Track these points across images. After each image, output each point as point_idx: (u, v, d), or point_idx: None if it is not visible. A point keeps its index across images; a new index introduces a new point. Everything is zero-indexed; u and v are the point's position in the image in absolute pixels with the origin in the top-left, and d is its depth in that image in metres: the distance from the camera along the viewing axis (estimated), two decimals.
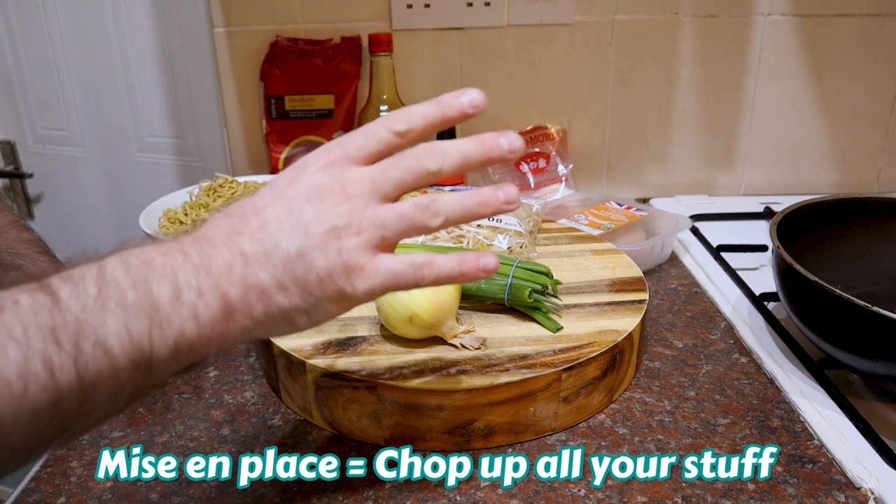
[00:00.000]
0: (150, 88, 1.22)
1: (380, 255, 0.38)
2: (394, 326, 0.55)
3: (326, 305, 0.37)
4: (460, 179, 0.94)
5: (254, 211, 0.37)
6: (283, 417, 0.57)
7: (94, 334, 0.30)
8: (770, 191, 1.08)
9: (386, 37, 0.91)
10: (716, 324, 0.70)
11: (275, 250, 0.36)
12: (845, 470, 0.50)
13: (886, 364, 0.54)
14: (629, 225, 0.84)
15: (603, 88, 1.03)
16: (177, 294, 0.33)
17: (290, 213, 0.37)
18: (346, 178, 0.37)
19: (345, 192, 0.37)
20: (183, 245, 0.35)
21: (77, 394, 0.30)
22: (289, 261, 0.36)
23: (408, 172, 0.38)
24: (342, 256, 0.36)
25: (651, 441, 0.53)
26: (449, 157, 0.38)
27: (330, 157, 0.38)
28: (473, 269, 0.38)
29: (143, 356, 0.32)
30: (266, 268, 0.36)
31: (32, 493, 0.49)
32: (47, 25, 1.23)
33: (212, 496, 0.49)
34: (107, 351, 0.31)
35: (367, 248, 0.37)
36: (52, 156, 1.34)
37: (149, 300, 0.32)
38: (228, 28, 0.97)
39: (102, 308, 0.31)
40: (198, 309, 0.34)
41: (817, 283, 0.54)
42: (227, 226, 0.37)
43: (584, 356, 0.53)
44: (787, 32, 1.00)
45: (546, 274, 0.61)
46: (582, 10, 0.98)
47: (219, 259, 0.35)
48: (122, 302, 0.32)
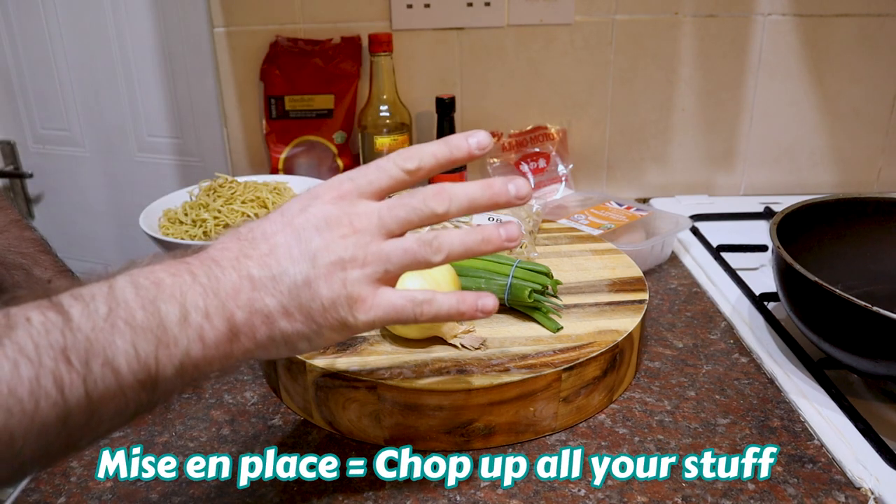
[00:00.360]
0: (150, 88, 1.22)
1: (382, 288, 0.39)
2: (394, 326, 0.55)
3: (327, 333, 0.39)
4: (460, 177, 0.94)
5: (263, 236, 0.38)
6: (283, 417, 0.57)
7: (103, 354, 0.31)
8: (770, 191, 1.08)
9: (386, 37, 0.91)
10: (716, 324, 0.70)
11: (282, 277, 0.37)
12: (845, 470, 0.50)
13: (886, 364, 0.54)
14: (629, 225, 0.84)
15: (603, 88, 1.03)
16: (184, 315, 0.34)
17: (300, 240, 0.38)
18: (354, 213, 0.39)
19: (352, 225, 0.38)
20: (192, 266, 0.36)
21: (85, 411, 0.31)
22: (295, 288, 0.37)
23: (414, 212, 0.39)
24: (346, 288, 0.38)
25: (651, 441, 0.53)
26: (456, 200, 0.39)
27: (341, 191, 0.39)
28: (472, 310, 0.40)
29: (149, 375, 0.33)
30: (273, 293, 0.37)
31: (32, 493, 0.49)
32: (47, 25, 1.23)
33: (212, 496, 0.49)
34: (115, 370, 0.31)
35: (371, 280, 0.38)
36: (52, 156, 1.34)
37: (157, 321, 0.33)
38: (228, 28, 0.97)
39: (112, 328, 0.32)
40: (204, 330, 0.35)
41: (817, 283, 0.54)
42: (236, 249, 0.38)
43: (584, 356, 0.53)
44: (787, 32, 1.00)
45: (546, 274, 0.61)
46: (582, 10, 0.98)
47: (227, 282, 0.36)
48: (132, 322, 0.32)
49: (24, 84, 1.30)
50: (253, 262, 0.37)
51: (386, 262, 0.39)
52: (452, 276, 0.56)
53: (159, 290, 0.34)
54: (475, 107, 1.03)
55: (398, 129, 0.95)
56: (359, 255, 0.38)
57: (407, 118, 0.96)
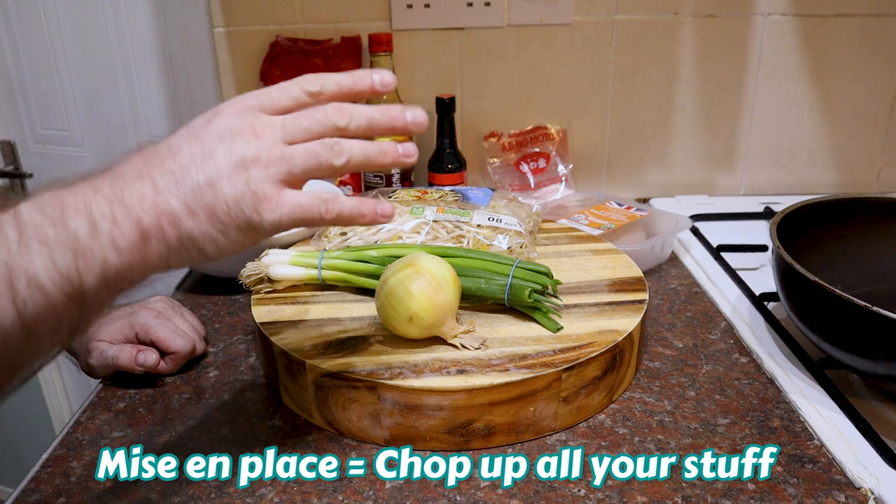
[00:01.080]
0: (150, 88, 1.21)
1: (287, 189, 0.40)
2: (394, 326, 0.55)
3: (234, 234, 0.40)
4: (460, 177, 0.94)
5: (167, 148, 0.40)
6: (283, 417, 0.57)
7: (25, 274, 0.33)
8: (770, 191, 1.09)
9: (386, 37, 0.91)
10: (716, 324, 0.70)
11: (185, 179, 0.38)
12: (845, 470, 0.50)
13: (886, 364, 0.54)
14: (629, 225, 0.84)
15: (603, 88, 1.03)
16: (93, 225, 0.35)
17: (203, 149, 0.39)
18: (257, 122, 0.40)
19: (255, 132, 0.40)
20: (94, 182, 0.38)
21: (20, 332, 0.33)
22: (198, 188, 0.38)
23: (316, 122, 0.41)
24: (249, 186, 0.39)
25: (651, 441, 0.53)
26: (356, 117, 0.42)
27: (245, 105, 0.41)
28: (371, 213, 0.43)
29: (74, 288, 0.34)
30: (176, 195, 0.38)
31: (32, 493, 0.49)
32: (47, 25, 1.23)
33: (212, 496, 0.49)
34: (41, 287, 0.33)
35: (275, 181, 0.40)
36: (52, 156, 1.34)
37: (69, 235, 0.35)
38: (228, 28, 0.97)
39: (27, 249, 0.33)
40: (115, 237, 0.36)
41: (817, 283, 0.54)
42: (140, 162, 0.39)
43: (584, 356, 0.53)
44: (787, 32, 1.00)
45: (546, 274, 0.61)
46: (582, 10, 0.98)
47: (131, 190, 0.37)
48: (45, 240, 0.34)
49: (24, 84, 1.30)
50: (156, 171, 0.38)
51: (289, 162, 0.40)
52: (452, 276, 0.56)
53: (64, 207, 0.35)
54: (475, 107, 1.03)
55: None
56: (262, 155, 0.39)
57: None
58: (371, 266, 0.63)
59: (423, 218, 0.72)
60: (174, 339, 0.61)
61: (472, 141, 1.04)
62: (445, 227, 0.71)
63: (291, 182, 0.41)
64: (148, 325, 0.61)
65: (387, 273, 0.55)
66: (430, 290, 0.53)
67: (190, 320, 0.65)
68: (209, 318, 0.73)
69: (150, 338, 0.61)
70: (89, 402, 0.60)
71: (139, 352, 0.60)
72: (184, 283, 0.83)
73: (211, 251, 0.40)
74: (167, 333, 0.61)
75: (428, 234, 0.71)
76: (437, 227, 0.71)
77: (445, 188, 0.82)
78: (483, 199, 0.77)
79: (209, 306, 0.76)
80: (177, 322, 0.63)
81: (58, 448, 0.54)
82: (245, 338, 0.69)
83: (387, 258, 0.63)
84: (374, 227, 0.72)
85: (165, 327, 0.61)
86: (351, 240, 0.72)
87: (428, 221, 0.71)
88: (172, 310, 0.65)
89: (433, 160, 0.95)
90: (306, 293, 0.66)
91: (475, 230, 0.71)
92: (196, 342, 0.63)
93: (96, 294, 0.36)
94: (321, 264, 0.65)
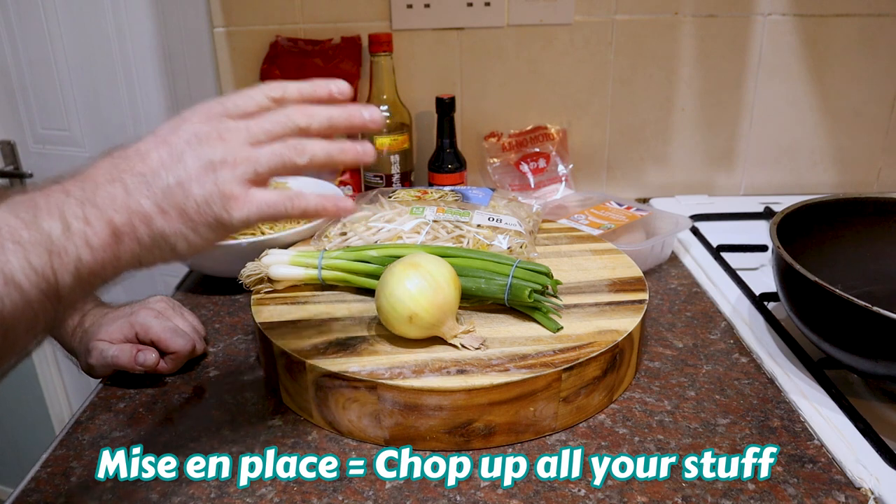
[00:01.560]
0: (150, 88, 1.21)
1: (254, 188, 0.42)
2: (394, 326, 0.55)
3: (204, 231, 0.41)
4: (460, 177, 0.94)
5: (136, 153, 0.41)
6: (283, 417, 0.57)
7: (1, 273, 0.34)
8: (770, 191, 1.08)
9: (386, 37, 0.91)
10: (716, 324, 0.70)
11: (155, 180, 0.40)
12: (845, 470, 0.50)
13: (886, 364, 0.54)
14: (629, 225, 0.84)
15: (603, 88, 1.03)
16: (67, 226, 0.37)
17: (171, 153, 0.41)
18: (224, 127, 0.42)
19: (221, 137, 0.42)
20: (65, 185, 0.39)
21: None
22: (168, 189, 0.40)
23: (279, 125, 0.43)
24: (218, 186, 0.40)
25: (651, 441, 0.53)
26: (317, 117, 0.44)
27: (210, 112, 0.43)
28: (334, 207, 0.45)
29: (49, 285, 0.36)
30: (147, 196, 0.39)
31: (32, 493, 0.49)
32: (47, 25, 1.23)
33: (212, 496, 0.49)
34: (17, 286, 0.34)
35: (242, 181, 0.41)
36: (52, 156, 1.34)
37: (43, 235, 0.36)
38: (228, 28, 0.97)
39: (2, 249, 0.34)
40: (88, 236, 0.37)
41: (817, 283, 0.54)
42: (109, 166, 0.40)
43: (584, 356, 0.53)
44: (787, 32, 1.00)
45: (546, 274, 0.61)
46: (582, 10, 0.98)
47: (102, 192, 0.39)
48: (20, 241, 0.35)
49: (24, 84, 1.30)
50: (126, 174, 0.40)
51: (255, 163, 0.41)
52: (452, 276, 0.56)
53: (37, 210, 0.37)
54: (475, 107, 1.03)
55: (398, 129, 0.95)
56: (228, 157, 0.41)
57: (407, 118, 0.96)
58: (371, 266, 0.63)
59: (423, 218, 0.72)
60: (174, 338, 0.61)
61: (472, 141, 1.04)
62: (445, 227, 0.71)
63: (258, 181, 0.42)
64: (148, 325, 0.61)
65: (387, 273, 0.55)
66: (430, 290, 0.53)
67: (190, 320, 0.65)
68: (209, 318, 0.73)
69: (149, 337, 0.61)
70: (89, 402, 0.60)
71: (139, 351, 0.60)
72: (184, 283, 0.83)
73: (182, 249, 0.41)
74: (167, 333, 0.61)
75: (428, 234, 0.71)
76: (437, 227, 0.71)
77: (445, 188, 0.82)
78: (483, 199, 0.77)
79: (209, 306, 0.76)
80: (177, 322, 0.63)
81: (58, 448, 0.54)
82: (245, 338, 0.69)
83: (387, 258, 0.63)
84: (374, 227, 0.72)
85: (165, 327, 0.61)
86: (351, 240, 0.72)
87: (428, 221, 0.71)
88: (172, 310, 0.65)
89: (433, 160, 0.95)
90: (306, 293, 0.66)
91: (475, 230, 0.71)
92: (196, 342, 0.63)
93: (71, 291, 0.37)
94: (321, 264, 0.65)
